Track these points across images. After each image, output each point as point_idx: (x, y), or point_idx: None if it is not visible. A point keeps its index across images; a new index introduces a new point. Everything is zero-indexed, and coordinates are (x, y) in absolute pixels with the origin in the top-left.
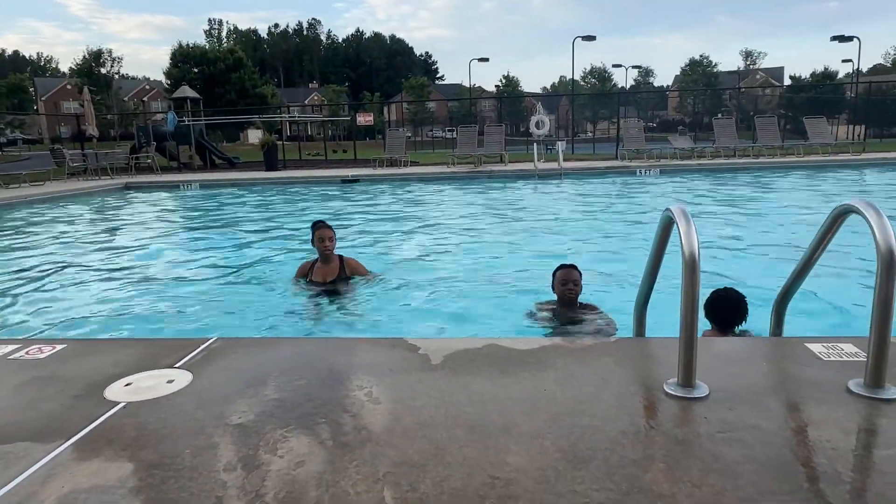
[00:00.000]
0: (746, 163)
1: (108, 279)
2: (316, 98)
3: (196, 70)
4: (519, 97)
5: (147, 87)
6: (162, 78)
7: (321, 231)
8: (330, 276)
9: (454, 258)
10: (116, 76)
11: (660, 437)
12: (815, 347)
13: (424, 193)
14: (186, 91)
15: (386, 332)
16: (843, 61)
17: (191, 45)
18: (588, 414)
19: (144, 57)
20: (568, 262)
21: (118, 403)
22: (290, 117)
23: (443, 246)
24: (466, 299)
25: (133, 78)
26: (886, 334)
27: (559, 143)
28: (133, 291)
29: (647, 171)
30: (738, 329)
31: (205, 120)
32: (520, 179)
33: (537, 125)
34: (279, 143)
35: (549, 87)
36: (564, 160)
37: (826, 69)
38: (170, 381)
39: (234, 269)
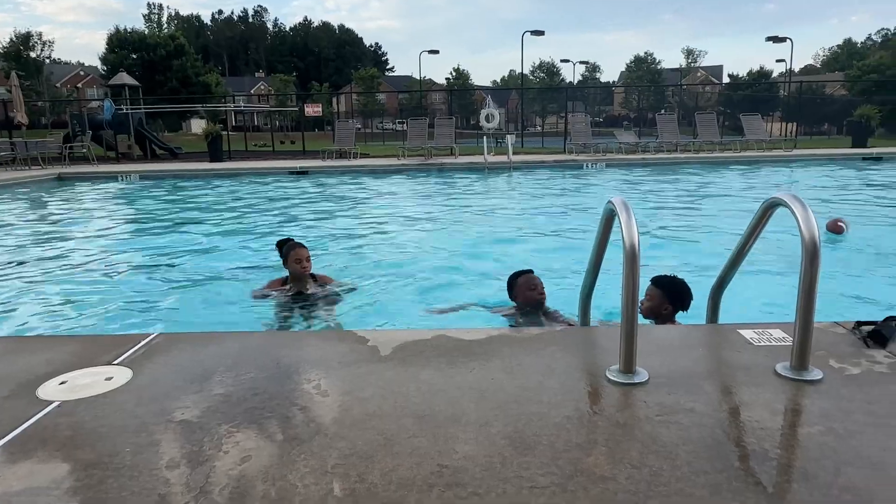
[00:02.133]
0: (687, 157)
1: (39, 274)
2: (262, 88)
3: (135, 56)
4: (469, 90)
5: (81, 72)
6: (98, 64)
7: (298, 251)
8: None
9: (404, 251)
10: (48, 61)
11: (602, 422)
12: (747, 333)
13: (374, 186)
14: (124, 78)
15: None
16: (777, 61)
17: (129, 30)
18: (534, 401)
19: (78, 41)
20: (525, 269)
21: (52, 403)
22: (235, 107)
23: (393, 239)
24: (417, 292)
25: (66, 63)
26: (810, 320)
27: (509, 136)
28: (67, 287)
29: (594, 165)
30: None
31: (144, 108)
32: (470, 172)
33: (487, 119)
34: (224, 133)
35: (499, 80)
36: (514, 154)
37: (762, 68)
38: (108, 379)
39: (176, 264)
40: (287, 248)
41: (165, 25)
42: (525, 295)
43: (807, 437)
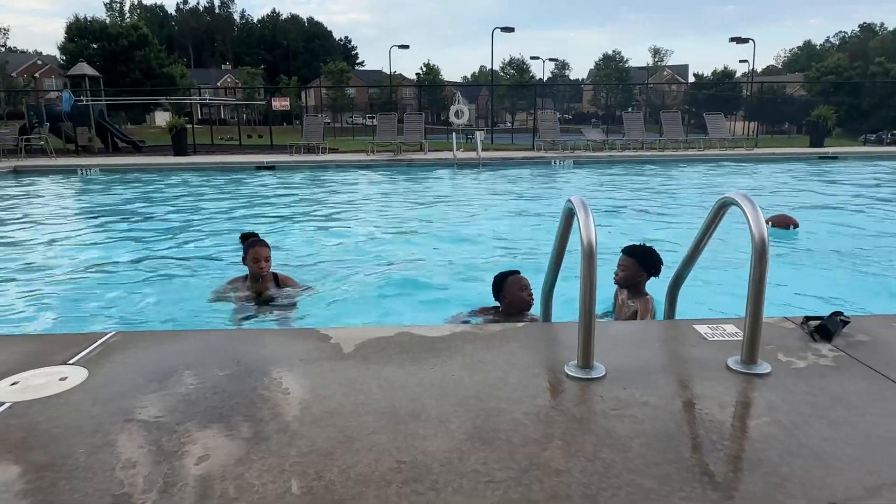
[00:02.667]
0: (652, 155)
1: None
2: (229, 80)
3: (95, 46)
4: (440, 86)
5: (39, 62)
6: (56, 53)
7: (258, 250)
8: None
9: (370, 248)
10: (2, 49)
11: (559, 416)
12: (702, 329)
13: (342, 181)
14: (84, 68)
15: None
16: (740, 61)
17: (89, 19)
18: (494, 397)
19: (36, 29)
20: (512, 269)
21: (3, 404)
22: (200, 100)
23: (358, 235)
24: (382, 290)
25: (22, 52)
26: (759, 315)
27: (478, 132)
28: (21, 285)
29: (562, 162)
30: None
31: (105, 100)
32: (439, 168)
33: (457, 115)
34: (189, 126)
35: (469, 76)
36: (483, 150)
37: (725, 68)
38: (62, 379)
39: (136, 261)
40: (247, 244)
41: (128, 15)
42: (515, 295)
43: (753, 429)
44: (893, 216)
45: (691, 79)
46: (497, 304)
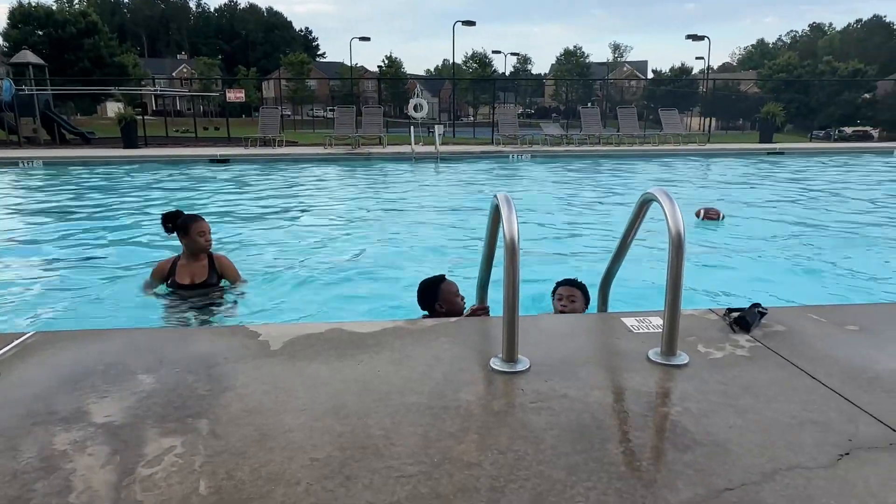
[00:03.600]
0: (608, 150)
1: None
2: (185, 70)
3: (41, 33)
4: (401, 79)
5: None
6: None
7: (201, 224)
8: (199, 277)
9: (317, 242)
10: None
11: (478, 410)
12: (629, 321)
13: (296, 175)
14: (28, 56)
15: None
16: (697, 58)
17: (34, 4)
18: (417, 392)
19: None
20: (437, 275)
21: None
22: (151, 90)
23: (307, 229)
24: (326, 286)
25: None
26: (677, 308)
27: (437, 126)
28: None
29: (520, 157)
30: None
31: (52, 90)
32: (397, 162)
33: (415, 108)
34: (141, 117)
35: (432, 69)
36: (444, 144)
37: (683, 65)
38: None
39: (70, 259)
40: (186, 220)
41: (76, 1)
42: (454, 302)
43: (663, 419)
44: (825, 209)
45: (650, 75)
46: (426, 313)
